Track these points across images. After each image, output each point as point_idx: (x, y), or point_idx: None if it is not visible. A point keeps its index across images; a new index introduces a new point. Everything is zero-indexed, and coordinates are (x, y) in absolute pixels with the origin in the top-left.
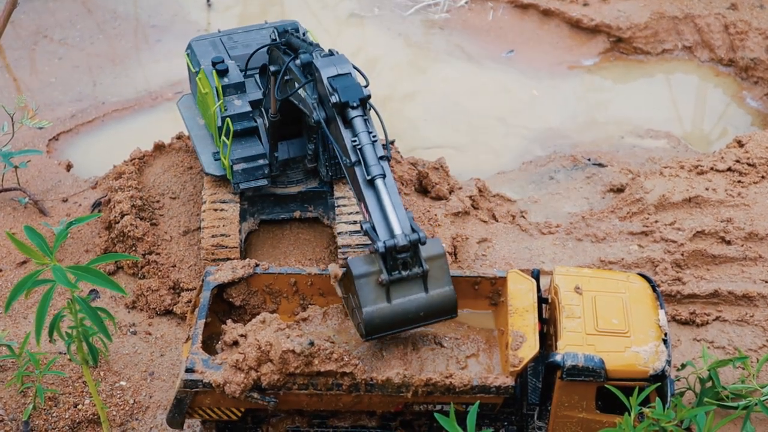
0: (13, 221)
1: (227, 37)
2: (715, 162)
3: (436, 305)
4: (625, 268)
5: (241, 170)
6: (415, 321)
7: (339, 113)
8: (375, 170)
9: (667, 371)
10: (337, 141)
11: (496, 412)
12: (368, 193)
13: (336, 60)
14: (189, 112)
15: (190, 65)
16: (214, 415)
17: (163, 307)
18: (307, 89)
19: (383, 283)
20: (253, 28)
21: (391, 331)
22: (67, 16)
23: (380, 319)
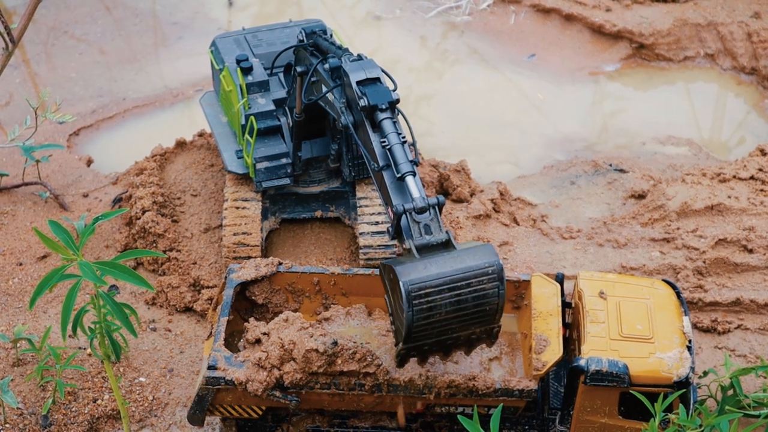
0: (34, 215)
1: (252, 35)
2: (738, 170)
3: (472, 257)
4: (646, 274)
5: (264, 169)
6: (455, 281)
7: (367, 117)
8: (404, 167)
9: (691, 378)
10: (365, 145)
11: (518, 415)
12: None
13: (365, 64)
14: (211, 110)
15: (214, 62)
16: (234, 412)
17: (183, 304)
18: (334, 93)
19: (409, 250)
20: (278, 27)
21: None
22: (87, 12)
23: (419, 280)
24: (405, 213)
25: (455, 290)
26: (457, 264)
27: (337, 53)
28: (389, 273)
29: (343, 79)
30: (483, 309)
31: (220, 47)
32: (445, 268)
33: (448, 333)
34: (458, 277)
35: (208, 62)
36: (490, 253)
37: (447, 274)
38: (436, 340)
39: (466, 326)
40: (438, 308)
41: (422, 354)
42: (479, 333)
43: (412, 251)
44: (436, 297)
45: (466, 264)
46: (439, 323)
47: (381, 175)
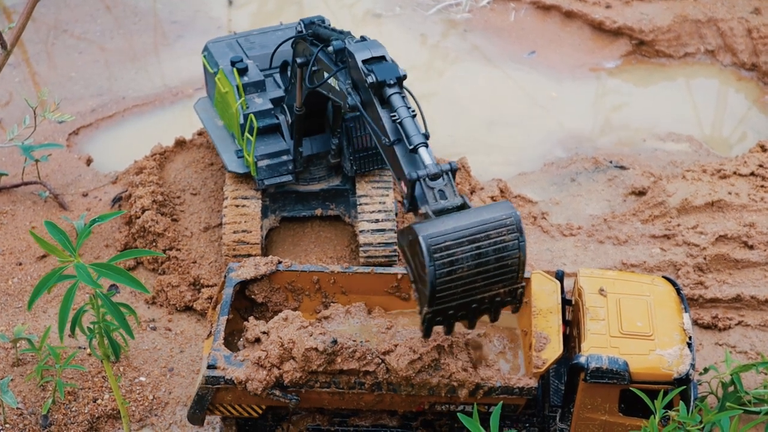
0: (33, 215)
1: (244, 38)
2: (738, 166)
3: (488, 211)
4: (647, 271)
5: (266, 166)
6: (474, 234)
7: (376, 93)
8: (416, 139)
9: (691, 375)
10: (375, 122)
11: (518, 413)
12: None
13: (369, 44)
14: (206, 114)
15: (207, 66)
16: (234, 411)
17: (183, 303)
18: (339, 76)
19: (427, 215)
20: (269, 30)
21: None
22: (87, 10)
23: (437, 234)
24: (419, 180)
25: (475, 242)
26: (474, 218)
27: (340, 37)
28: (407, 235)
29: (348, 60)
30: (505, 263)
31: (213, 51)
32: (462, 222)
33: (472, 294)
34: (477, 229)
35: None
36: (507, 206)
37: (465, 226)
38: (460, 303)
39: (489, 285)
40: (460, 262)
41: (447, 320)
42: (503, 295)
43: (429, 216)
44: (456, 250)
45: (483, 217)
46: (462, 281)
47: (392, 149)
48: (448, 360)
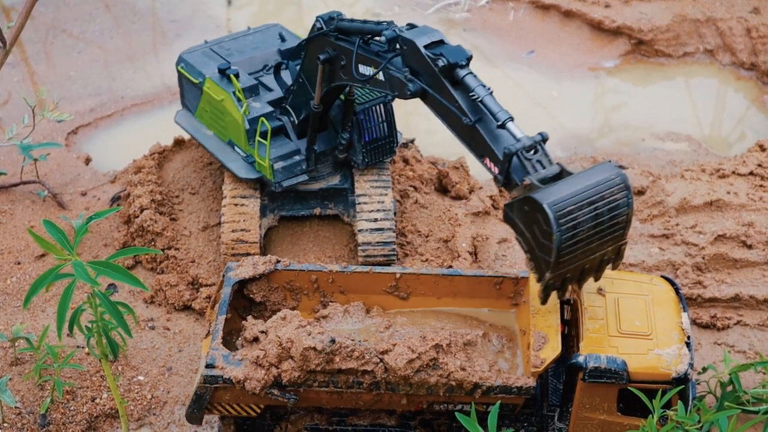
0: (32, 214)
1: (217, 46)
2: (737, 166)
3: (597, 173)
4: (645, 270)
5: (281, 168)
6: (591, 196)
7: (447, 76)
8: (503, 115)
9: (689, 374)
10: (450, 103)
11: (517, 412)
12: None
13: (424, 30)
14: (192, 126)
15: (189, 77)
16: (233, 411)
17: (182, 302)
18: (393, 64)
19: (533, 185)
20: (239, 35)
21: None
22: (86, 10)
23: (560, 200)
24: (517, 153)
25: (592, 204)
26: (587, 181)
27: (379, 27)
28: (522, 207)
29: (402, 48)
30: (616, 222)
31: (192, 62)
32: (577, 186)
33: (587, 255)
34: (592, 191)
35: None
36: (610, 167)
37: (581, 190)
38: (576, 265)
39: (601, 245)
40: (580, 225)
41: (563, 284)
42: (610, 253)
43: (535, 185)
44: (577, 214)
45: (595, 179)
46: (582, 243)
47: (474, 128)
48: (447, 359)
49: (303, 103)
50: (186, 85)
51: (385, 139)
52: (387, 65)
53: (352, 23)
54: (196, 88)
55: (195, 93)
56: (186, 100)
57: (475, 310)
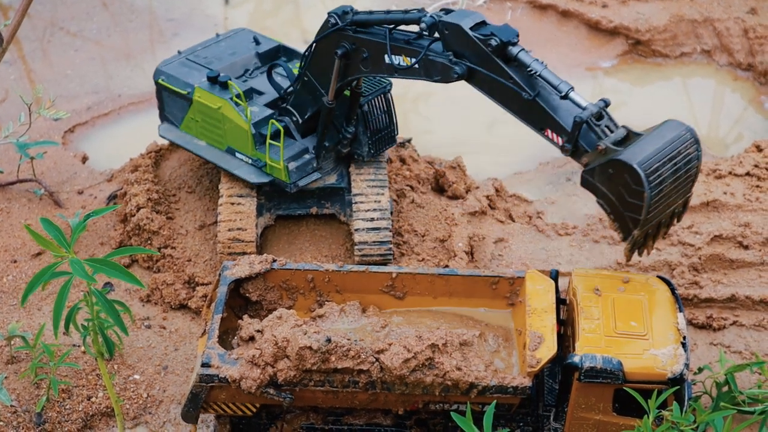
0: (28, 212)
1: (193, 55)
2: (734, 166)
3: (669, 130)
4: (642, 270)
5: (295, 168)
6: (670, 152)
7: (499, 54)
8: (564, 86)
9: (685, 375)
10: (506, 80)
11: (512, 412)
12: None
13: (465, 13)
14: (180, 139)
15: (174, 89)
16: (228, 410)
17: (178, 301)
18: (433, 49)
19: (608, 149)
20: (211, 43)
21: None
22: (84, 8)
23: (646, 159)
24: (587, 121)
25: (672, 160)
26: (663, 138)
27: (410, 16)
28: (607, 169)
29: (443, 32)
30: (690, 175)
31: (173, 73)
32: (658, 144)
33: (666, 208)
34: (671, 148)
35: None
36: (678, 123)
37: (662, 147)
38: (657, 221)
39: (676, 198)
40: (664, 181)
41: (644, 240)
42: (679, 206)
43: (611, 149)
44: (662, 170)
45: (670, 136)
46: (664, 197)
47: (534, 102)
48: (443, 359)
49: (309, 101)
50: (168, 97)
51: (387, 129)
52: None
53: (372, 15)
54: (183, 99)
55: (180, 104)
56: (167, 113)
57: (471, 309)
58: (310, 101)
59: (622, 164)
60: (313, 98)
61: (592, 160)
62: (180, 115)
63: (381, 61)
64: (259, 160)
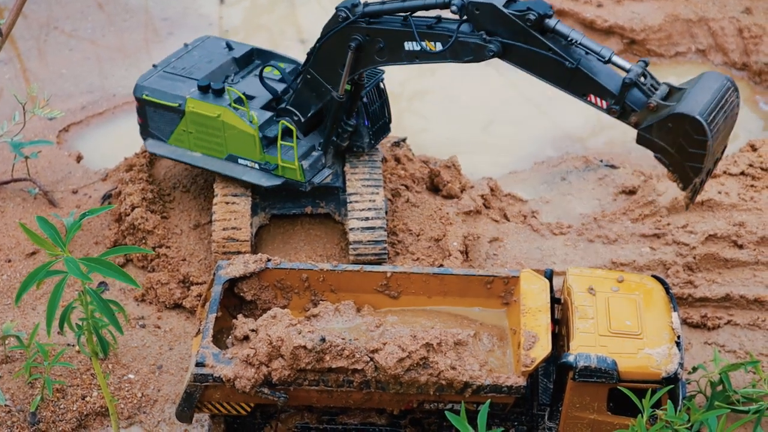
0: (23, 212)
1: (170, 67)
2: (728, 166)
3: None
4: (636, 270)
5: (308, 166)
6: (719, 101)
7: (536, 27)
8: (606, 51)
9: (679, 374)
10: (547, 52)
11: (507, 411)
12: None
13: None
14: (172, 153)
15: (161, 102)
16: (223, 409)
17: (173, 300)
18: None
19: (659, 105)
20: (182, 53)
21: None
22: (79, 8)
23: (703, 109)
24: (635, 82)
25: (722, 109)
26: (710, 89)
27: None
28: (666, 124)
29: (474, 12)
30: (732, 121)
31: (157, 87)
32: (708, 95)
33: (714, 155)
34: (719, 96)
35: None
36: (717, 74)
37: (713, 97)
38: (709, 167)
39: (720, 145)
40: (719, 129)
41: (700, 186)
42: (719, 153)
43: (662, 105)
44: (717, 119)
45: (715, 86)
46: (719, 144)
47: (577, 69)
48: (437, 358)
49: (311, 98)
50: (154, 112)
51: (383, 118)
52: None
53: (387, 5)
54: (172, 112)
55: (169, 118)
56: (152, 129)
57: (466, 309)
58: (313, 99)
59: (684, 117)
60: (316, 95)
61: (642, 118)
62: (168, 129)
63: (399, 49)
64: (268, 163)
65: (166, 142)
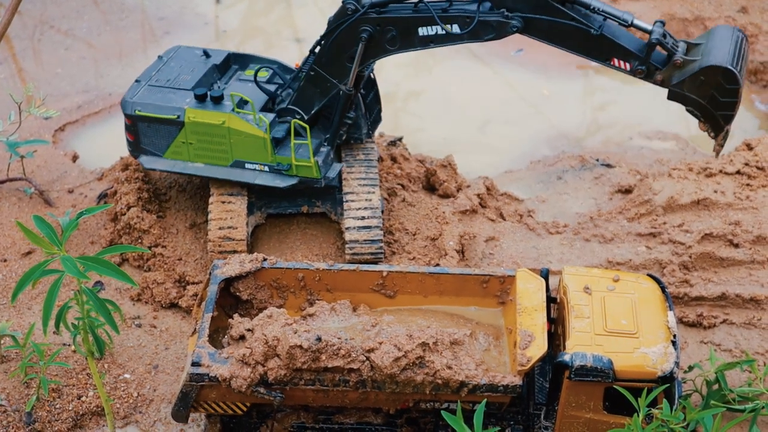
0: (19, 211)
1: (154, 80)
2: (724, 165)
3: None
4: (632, 269)
5: (322, 162)
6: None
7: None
8: (628, 15)
9: (675, 373)
10: (571, 21)
11: (503, 411)
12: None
13: None
14: (172, 166)
15: (157, 116)
16: (219, 409)
17: (169, 300)
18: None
19: (685, 61)
20: (161, 66)
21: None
22: (74, 6)
23: (728, 59)
24: (660, 41)
25: (742, 57)
26: (729, 39)
27: None
28: (698, 77)
29: None
30: (746, 66)
31: (149, 101)
32: (728, 45)
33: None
34: (737, 46)
35: None
36: (728, 26)
37: (734, 47)
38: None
39: None
40: (743, 76)
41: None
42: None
43: (687, 60)
44: (742, 67)
45: (733, 38)
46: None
47: (601, 35)
48: (433, 358)
49: (316, 95)
50: (148, 127)
51: (377, 107)
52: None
53: None
54: (169, 125)
55: (165, 131)
56: (145, 144)
57: (462, 308)
58: (317, 95)
59: (716, 68)
60: (321, 91)
61: (669, 76)
62: (164, 143)
63: (413, 35)
64: (280, 164)
65: (161, 157)
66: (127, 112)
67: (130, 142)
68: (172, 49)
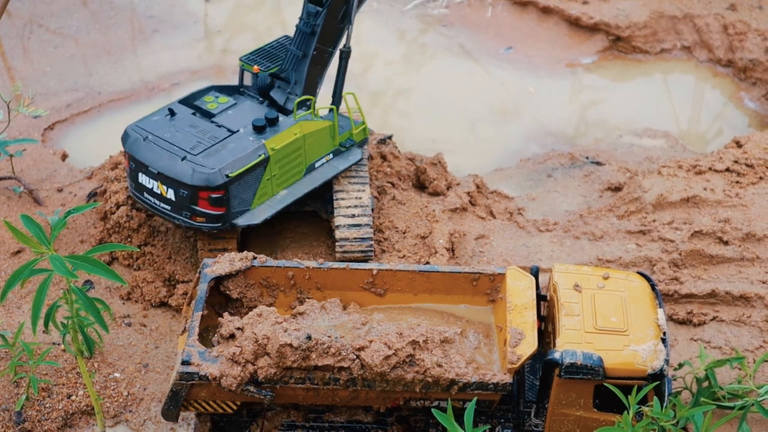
0: (8, 210)
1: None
2: (714, 162)
3: None
4: (622, 266)
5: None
6: None
7: None
8: None
9: (665, 370)
10: None
11: (493, 409)
12: None
13: None
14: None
15: (250, 166)
16: (209, 408)
17: (158, 299)
18: None
19: None
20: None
21: None
22: (63, 5)
23: None
24: None
25: None
26: None
27: None
28: None
29: None
30: None
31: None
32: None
33: None
34: None
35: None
36: None
37: None
38: None
39: None
40: None
41: None
42: None
43: None
44: None
45: None
46: None
47: None
48: (423, 356)
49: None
50: (238, 186)
51: None
52: None
53: None
54: (257, 168)
55: (252, 179)
56: (235, 207)
57: (452, 306)
58: (318, 72)
59: None
60: (321, 67)
61: None
62: (251, 193)
63: None
64: (341, 144)
65: (250, 209)
66: (217, 184)
67: (219, 215)
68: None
